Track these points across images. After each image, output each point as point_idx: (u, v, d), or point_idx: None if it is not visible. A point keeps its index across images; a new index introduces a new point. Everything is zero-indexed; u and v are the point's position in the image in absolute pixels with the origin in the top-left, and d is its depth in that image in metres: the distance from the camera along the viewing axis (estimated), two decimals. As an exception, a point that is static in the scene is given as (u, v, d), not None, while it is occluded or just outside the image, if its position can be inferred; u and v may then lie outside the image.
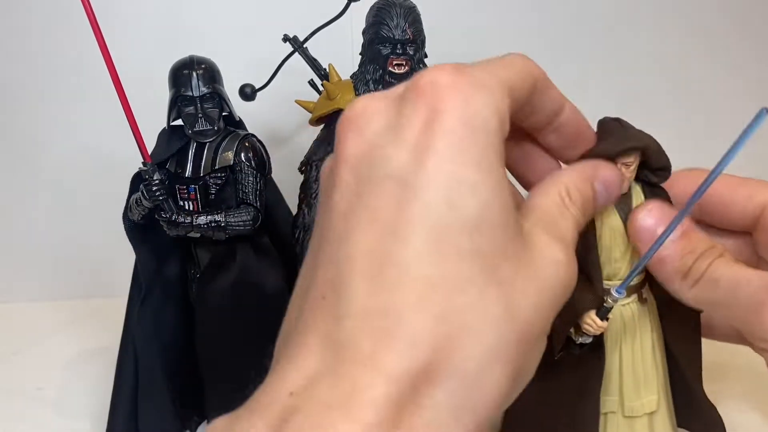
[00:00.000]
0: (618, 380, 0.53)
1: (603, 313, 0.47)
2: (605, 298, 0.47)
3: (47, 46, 0.87)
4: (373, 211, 0.22)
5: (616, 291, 0.46)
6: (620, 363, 0.53)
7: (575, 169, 0.34)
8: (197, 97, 0.57)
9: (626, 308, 0.52)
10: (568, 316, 0.48)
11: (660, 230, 0.39)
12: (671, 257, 0.38)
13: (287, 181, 0.69)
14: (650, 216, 0.40)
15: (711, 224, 0.42)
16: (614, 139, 0.47)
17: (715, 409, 0.55)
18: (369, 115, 0.25)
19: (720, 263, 0.35)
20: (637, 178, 0.50)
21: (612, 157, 0.46)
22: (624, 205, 0.50)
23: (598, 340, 0.51)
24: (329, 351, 0.21)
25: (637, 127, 0.48)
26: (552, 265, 0.26)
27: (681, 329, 0.54)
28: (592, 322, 0.47)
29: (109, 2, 0.83)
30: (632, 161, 0.47)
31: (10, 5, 0.85)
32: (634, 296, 0.52)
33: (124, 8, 0.86)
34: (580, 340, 0.49)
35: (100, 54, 0.50)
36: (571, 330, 0.49)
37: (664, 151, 0.49)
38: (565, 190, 0.30)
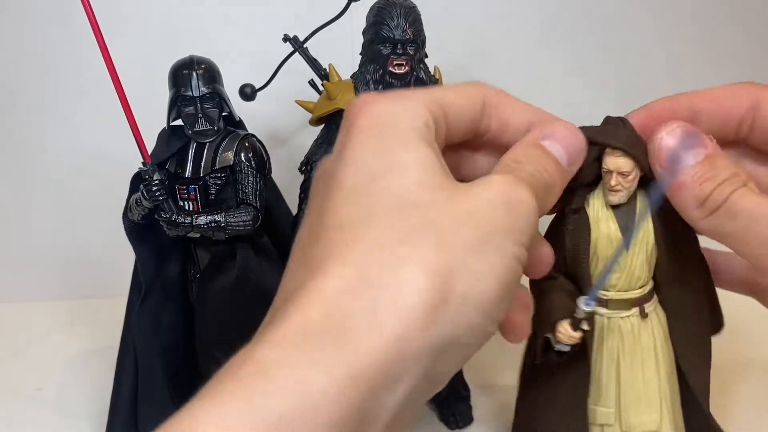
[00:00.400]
0: (615, 392, 0.52)
1: (574, 324, 0.46)
2: (575, 309, 0.44)
3: (47, 46, 0.87)
4: (311, 207, 0.28)
5: (585, 303, 0.43)
6: (618, 376, 0.52)
7: (520, 140, 0.33)
8: (197, 97, 0.57)
9: (626, 321, 0.51)
10: (543, 323, 0.48)
11: (684, 153, 0.35)
12: (690, 183, 0.34)
13: (287, 181, 0.69)
14: (673, 136, 0.36)
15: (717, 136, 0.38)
16: (609, 128, 0.45)
17: (719, 428, 0.54)
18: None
19: (741, 194, 0.33)
20: (641, 187, 0.48)
21: (601, 146, 0.45)
22: (625, 215, 0.49)
23: (582, 350, 0.50)
24: (270, 320, 0.26)
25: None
26: (481, 183, 0.27)
27: (691, 345, 0.52)
28: (564, 331, 0.47)
29: (109, 2, 0.83)
30: (629, 171, 0.46)
31: (10, 5, 0.85)
32: (635, 310, 0.51)
33: (124, 8, 0.86)
34: (557, 347, 0.48)
35: (100, 54, 0.50)
36: (551, 337, 0.48)
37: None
38: (512, 160, 0.31)
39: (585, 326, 0.47)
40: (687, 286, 0.49)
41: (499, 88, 0.35)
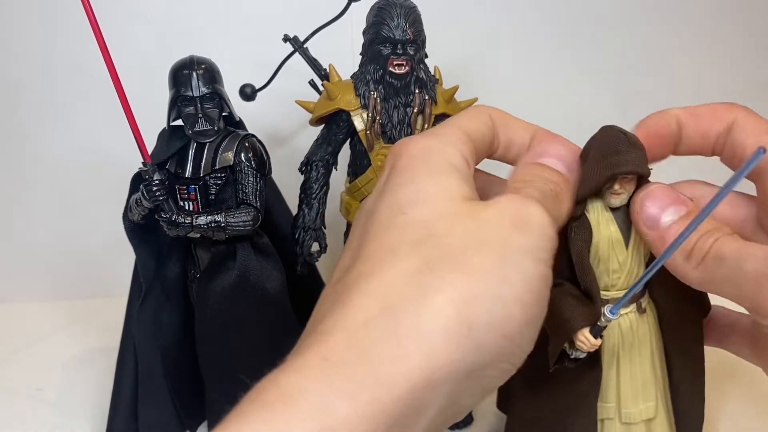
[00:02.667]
0: (615, 388, 0.53)
1: (596, 332, 0.47)
2: (600, 317, 0.46)
3: (47, 46, 0.87)
4: (352, 238, 0.30)
5: (610, 312, 0.45)
6: (618, 372, 0.53)
7: (520, 162, 0.36)
8: (197, 97, 0.57)
9: (624, 318, 0.52)
10: (562, 332, 0.48)
11: (665, 217, 0.38)
12: (673, 236, 0.37)
13: (287, 181, 0.69)
14: (652, 198, 0.40)
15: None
16: (618, 159, 0.46)
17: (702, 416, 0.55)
18: None
19: (724, 240, 0.34)
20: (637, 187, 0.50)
21: (612, 177, 0.47)
22: (624, 216, 0.49)
23: (594, 354, 0.50)
24: (298, 347, 0.27)
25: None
26: (493, 206, 0.28)
27: (682, 340, 0.53)
28: (585, 339, 0.47)
29: (110, 2, 0.83)
30: (632, 177, 0.47)
31: (10, 5, 0.85)
32: (633, 306, 0.52)
33: (125, 8, 0.86)
34: (574, 354, 0.48)
35: (100, 54, 0.50)
36: (566, 344, 0.49)
37: None
38: (517, 181, 0.33)
39: (603, 333, 0.47)
40: (673, 276, 0.51)
41: (499, 108, 0.38)
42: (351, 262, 0.27)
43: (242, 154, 0.59)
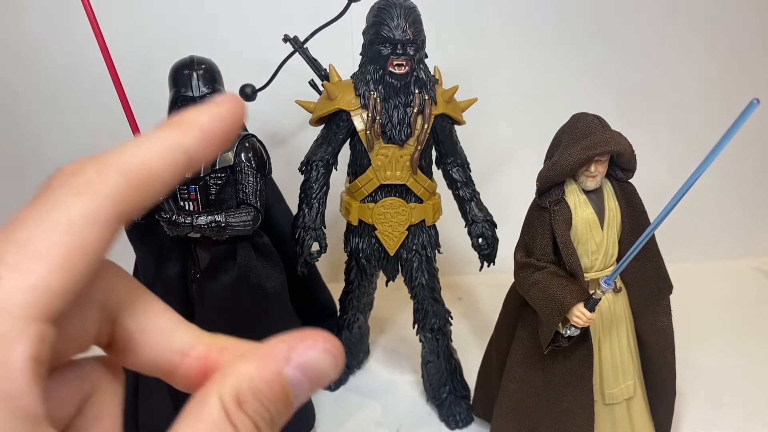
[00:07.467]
0: (598, 370, 0.55)
1: (591, 305, 0.49)
2: (595, 290, 0.49)
3: (47, 46, 0.87)
4: None
5: (605, 282, 0.48)
6: (599, 353, 0.55)
7: (258, 354, 0.20)
8: (197, 97, 0.57)
9: (602, 298, 0.54)
10: (555, 311, 0.50)
11: None
12: None
13: (287, 181, 0.69)
14: None
15: None
16: (594, 139, 0.50)
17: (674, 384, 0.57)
18: None
19: None
20: (608, 175, 0.53)
21: (591, 157, 0.50)
22: (597, 198, 0.53)
23: (585, 331, 0.52)
24: None
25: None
26: None
27: (651, 317, 0.56)
28: (581, 314, 0.49)
29: (110, 3, 0.83)
30: (605, 158, 0.51)
31: (10, 5, 0.85)
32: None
33: (125, 9, 0.86)
34: (568, 333, 0.50)
35: (100, 54, 0.50)
36: (559, 326, 0.51)
37: (635, 156, 0.52)
38: (233, 396, 0.18)
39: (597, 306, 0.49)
40: (642, 257, 0.53)
41: None
42: None
43: (242, 154, 0.59)
